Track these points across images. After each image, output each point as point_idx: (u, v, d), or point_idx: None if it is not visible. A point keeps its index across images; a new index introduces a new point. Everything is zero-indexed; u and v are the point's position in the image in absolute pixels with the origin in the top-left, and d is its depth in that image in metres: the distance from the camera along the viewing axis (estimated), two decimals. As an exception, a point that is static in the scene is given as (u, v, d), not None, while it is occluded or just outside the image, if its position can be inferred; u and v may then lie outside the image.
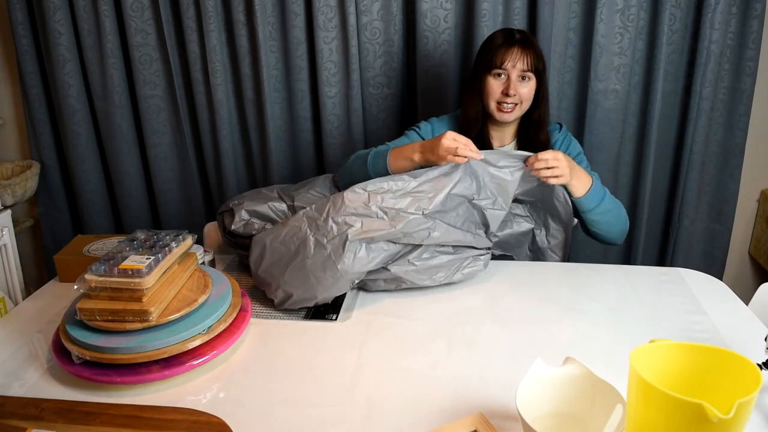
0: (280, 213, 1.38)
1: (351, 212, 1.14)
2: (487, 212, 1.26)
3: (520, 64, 1.38)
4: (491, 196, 1.27)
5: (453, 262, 1.25)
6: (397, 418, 0.87)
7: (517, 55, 1.38)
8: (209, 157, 2.08)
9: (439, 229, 1.19)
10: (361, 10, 1.84)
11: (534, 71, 1.39)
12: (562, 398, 0.80)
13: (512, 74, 1.38)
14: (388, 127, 1.98)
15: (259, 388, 0.95)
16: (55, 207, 2.24)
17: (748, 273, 2.20)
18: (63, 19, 1.92)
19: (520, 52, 1.38)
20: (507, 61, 1.38)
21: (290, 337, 1.10)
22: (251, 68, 1.93)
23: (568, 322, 1.12)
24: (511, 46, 1.38)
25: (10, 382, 0.97)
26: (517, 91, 1.39)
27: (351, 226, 1.12)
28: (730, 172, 1.93)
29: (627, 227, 1.45)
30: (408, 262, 1.20)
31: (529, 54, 1.38)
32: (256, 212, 1.36)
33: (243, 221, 1.34)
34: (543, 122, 1.46)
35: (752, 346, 1.02)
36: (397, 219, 1.14)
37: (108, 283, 0.95)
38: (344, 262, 1.12)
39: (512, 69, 1.38)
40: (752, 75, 1.81)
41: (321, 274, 1.13)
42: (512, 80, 1.38)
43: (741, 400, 0.61)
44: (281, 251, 1.17)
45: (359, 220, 1.13)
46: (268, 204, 1.38)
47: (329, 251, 1.12)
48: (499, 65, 1.39)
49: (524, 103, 1.41)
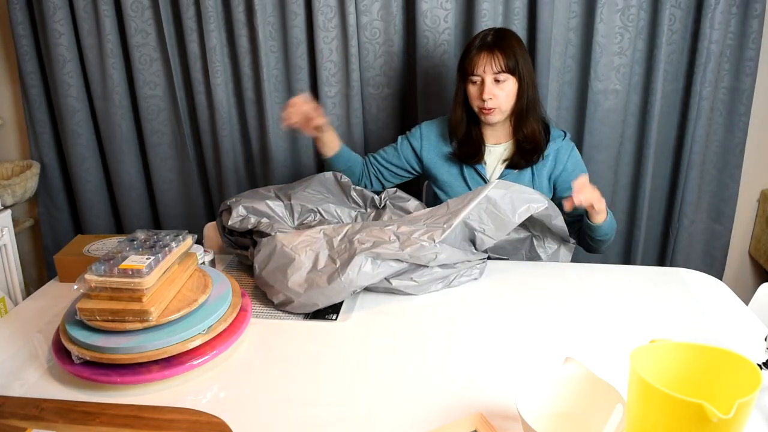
0: (277, 211, 1.39)
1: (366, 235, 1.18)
2: (476, 234, 1.26)
3: (490, 67, 1.41)
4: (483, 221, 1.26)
5: (450, 274, 1.27)
6: (397, 418, 0.87)
7: (485, 60, 1.41)
8: (209, 157, 2.08)
9: (444, 252, 1.21)
10: (361, 10, 1.84)
11: (507, 71, 1.41)
12: (562, 398, 0.80)
13: (486, 78, 1.42)
14: (388, 127, 1.98)
15: (259, 388, 0.95)
16: (55, 207, 2.24)
17: (748, 273, 2.20)
18: (63, 19, 1.92)
19: (488, 56, 1.41)
20: (478, 67, 1.42)
21: (290, 337, 1.10)
22: (251, 68, 1.93)
23: (568, 322, 1.12)
24: (480, 52, 1.42)
25: (10, 382, 0.97)
26: (493, 94, 1.42)
27: (362, 244, 1.17)
28: (730, 172, 1.93)
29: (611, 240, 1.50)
30: (410, 279, 1.22)
31: (497, 56, 1.40)
32: (253, 209, 1.37)
33: (240, 217, 1.34)
34: (527, 114, 1.47)
35: (752, 346, 1.02)
36: (407, 243, 1.17)
37: (108, 283, 0.95)
38: (348, 274, 1.13)
39: (484, 74, 1.42)
40: (752, 75, 1.81)
41: (325, 284, 1.14)
42: (486, 85, 1.42)
43: (741, 400, 0.61)
44: (290, 257, 1.19)
45: (372, 240, 1.17)
46: (266, 202, 1.39)
47: (338, 265, 1.15)
48: (471, 72, 1.43)
49: (504, 105, 1.44)
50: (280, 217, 1.38)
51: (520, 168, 1.50)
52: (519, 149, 1.50)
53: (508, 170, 1.52)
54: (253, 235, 1.32)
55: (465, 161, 1.54)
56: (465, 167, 1.54)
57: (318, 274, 1.15)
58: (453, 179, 1.56)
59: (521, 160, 1.49)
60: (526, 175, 1.51)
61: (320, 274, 1.15)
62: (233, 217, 1.34)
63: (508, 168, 1.52)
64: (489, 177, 1.54)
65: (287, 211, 1.40)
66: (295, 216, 1.40)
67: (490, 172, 1.54)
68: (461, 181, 1.55)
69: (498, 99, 1.43)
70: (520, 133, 1.48)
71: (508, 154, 1.53)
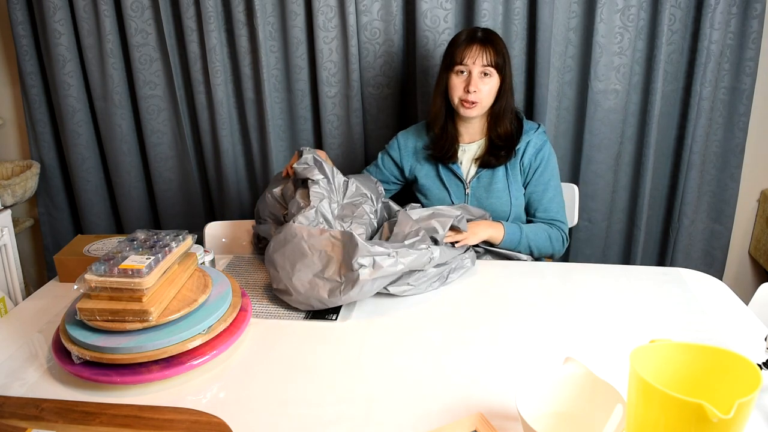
0: (337, 180, 1.38)
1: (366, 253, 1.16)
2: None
3: (480, 60, 1.42)
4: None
5: (443, 270, 1.28)
6: (397, 418, 0.87)
7: (476, 52, 1.42)
8: (209, 157, 2.08)
9: (436, 251, 1.23)
10: (361, 10, 1.84)
11: (495, 66, 1.42)
12: (562, 398, 0.80)
13: (473, 70, 1.43)
14: (388, 127, 1.98)
15: (259, 388, 0.95)
16: (55, 207, 2.24)
17: (748, 273, 2.20)
18: (63, 19, 1.92)
19: (479, 48, 1.42)
20: (467, 57, 1.42)
21: (290, 337, 1.10)
22: (251, 68, 1.93)
23: (568, 322, 1.12)
24: (471, 43, 1.42)
25: (10, 382, 0.97)
26: (478, 87, 1.43)
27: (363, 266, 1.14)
28: (730, 172, 1.93)
29: (559, 249, 1.52)
30: (407, 284, 1.23)
31: (489, 50, 1.42)
32: (320, 165, 1.36)
33: (305, 164, 1.35)
34: (503, 115, 1.49)
35: (752, 346, 1.02)
36: (404, 255, 1.18)
37: (108, 283, 0.95)
38: (350, 295, 1.15)
39: (473, 65, 1.42)
40: (752, 75, 1.81)
41: (325, 297, 1.15)
42: (473, 77, 1.43)
43: (741, 400, 0.61)
44: (304, 253, 1.19)
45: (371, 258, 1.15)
46: (333, 167, 1.40)
47: (342, 283, 1.15)
48: (459, 62, 1.43)
49: (485, 100, 1.45)
50: (335, 187, 1.37)
51: (492, 166, 1.51)
52: (491, 147, 1.51)
53: (481, 169, 1.53)
54: (304, 183, 1.34)
55: (440, 160, 1.55)
56: (441, 167, 1.56)
57: (322, 282, 1.16)
58: (430, 181, 1.58)
59: (492, 158, 1.50)
60: (500, 171, 1.52)
61: (324, 282, 1.16)
62: (300, 162, 1.35)
63: (480, 167, 1.53)
64: (464, 176, 1.55)
65: (343, 187, 1.39)
66: (348, 194, 1.40)
67: (465, 171, 1.55)
68: (438, 182, 1.57)
69: (481, 93, 1.44)
70: (494, 132, 1.50)
71: (481, 152, 1.54)
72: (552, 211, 1.52)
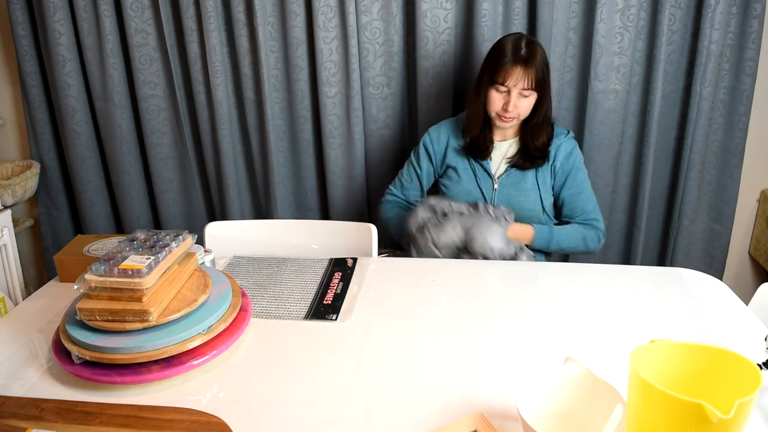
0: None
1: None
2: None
3: (521, 83, 1.43)
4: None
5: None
6: (397, 418, 0.87)
7: (519, 74, 1.43)
8: (209, 157, 2.08)
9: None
10: (361, 10, 1.84)
11: (535, 88, 1.45)
12: (562, 398, 0.80)
13: (513, 91, 1.44)
14: (388, 127, 1.98)
15: (259, 388, 0.95)
16: (55, 207, 2.24)
17: (748, 273, 2.20)
18: (63, 19, 1.92)
19: (522, 70, 1.42)
20: (509, 79, 1.43)
21: (290, 337, 1.10)
22: (251, 68, 1.93)
23: (568, 322, 1.12)
24: (515, 64, 1.42)
25: (10, 382, 0.97)
26: (516, 105, 1.45)
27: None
28: (730, 172, 1.93)
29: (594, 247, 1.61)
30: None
31: (531, 72, 1.42)
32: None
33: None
34: (540, 129, 1.52)
35: (752, 346, 1.02)
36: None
37: (108, 283, 0.95)
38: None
39: (513, 87, 1.44)
40: (752, 75, 1.81)
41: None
42: (512, 97, 1.45)
43: (741, 400, 0.61)
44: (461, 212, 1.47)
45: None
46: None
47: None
48: (501, 82, 1.44)
49: (522, 114, 1.49)
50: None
51: (524, 169, 1.55)
52: (525, 153, 1.54)
53: (511, 169, 1.56)
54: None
55: (473, 156, 1.58)
56: (472, 161, 1.59)
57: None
58: (462, 173, 1.60)
59: (527, 162, 1.54)
60: (530, 172, 1.55)
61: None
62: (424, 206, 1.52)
63: (512, 167, 1.56)
64: (494, 173, 1.58)
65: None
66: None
67: (495, 167, 1.58)
68: (469, 174, 1.60)
69: (519, 109, 1.47)
70: (531, 143, 1.53)
71: (512, 151, 1.57)
72: (589, 211, 1.58)
